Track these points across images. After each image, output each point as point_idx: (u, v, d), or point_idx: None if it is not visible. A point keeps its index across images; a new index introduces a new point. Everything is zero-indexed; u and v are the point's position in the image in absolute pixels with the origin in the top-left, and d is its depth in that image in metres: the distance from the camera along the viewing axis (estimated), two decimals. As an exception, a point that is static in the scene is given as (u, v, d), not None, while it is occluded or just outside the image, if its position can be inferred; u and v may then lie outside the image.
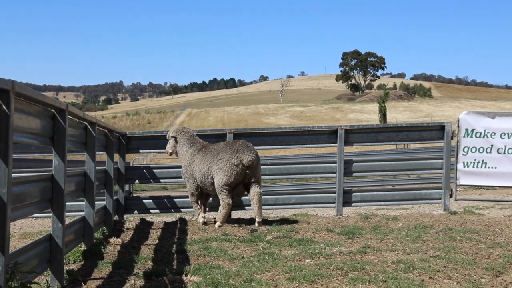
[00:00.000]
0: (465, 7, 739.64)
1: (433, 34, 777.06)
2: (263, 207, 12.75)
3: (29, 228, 11.95)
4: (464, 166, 13.88)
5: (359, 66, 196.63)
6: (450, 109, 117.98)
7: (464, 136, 13.92)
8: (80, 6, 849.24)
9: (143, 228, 11.89)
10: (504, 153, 13.76)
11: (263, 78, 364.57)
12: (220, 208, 11.76)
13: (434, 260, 7.96)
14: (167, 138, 12.92)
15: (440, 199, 13.61)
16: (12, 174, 4.71)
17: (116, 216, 12.35)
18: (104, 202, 10.87)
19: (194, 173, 12.24)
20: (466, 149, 13.88)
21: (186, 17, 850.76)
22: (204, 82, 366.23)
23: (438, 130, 13.89)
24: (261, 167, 12.48)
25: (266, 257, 8.26)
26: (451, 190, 13.81)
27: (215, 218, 12.24)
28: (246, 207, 13.51)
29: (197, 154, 12.27)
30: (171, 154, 12.95)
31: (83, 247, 8.72)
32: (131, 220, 12.97)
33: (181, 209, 13.61)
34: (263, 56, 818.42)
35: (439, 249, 8.82)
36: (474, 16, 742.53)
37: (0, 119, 4.49)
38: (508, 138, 13.76)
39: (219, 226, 11.62)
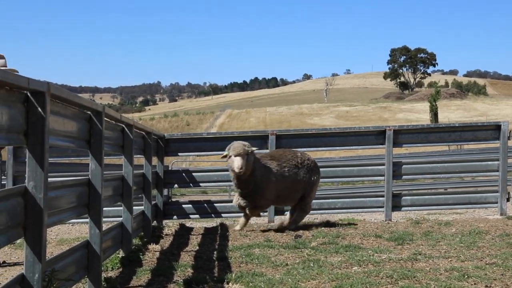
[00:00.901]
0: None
1: (487, 29, 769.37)
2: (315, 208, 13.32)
3: (66, 235, 12.07)
4: (524, 169, 13.76)
5: (409, 63, 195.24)
6: (506, 108, 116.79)
7: (523, 137, 13.79)
8: (115, 6, 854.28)
9: (183, 234, 11.94)
10: None
11: (307, 77, 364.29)
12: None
13: (491, 268, 7.87)
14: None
15: (497, 203, 13.47)
16: (48, 179, 4.76)
17: (155, 221, 12.43)
18: (142, 207, 10.94)
19: None
20: (525, 151, 13.77)
21: (226, 15, 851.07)
22: (245, 81, 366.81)
23: (493, 130, 13.74)
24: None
25: (311, 264, 8.23)
26: (508, 193, 13.67)
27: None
28: (286, 212, 13.53)
29: None
30: None
31: (121, 253, 8.78)
32: (170, 225, 13.04)
33: (222, 214, 13.68)
34: (307, 54, 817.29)
35: (496, 256, 8.73)
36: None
37: (35, 122, 4.53)
38: None
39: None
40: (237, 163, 11.11)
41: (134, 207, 9.31)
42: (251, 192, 11.81)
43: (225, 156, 11.68)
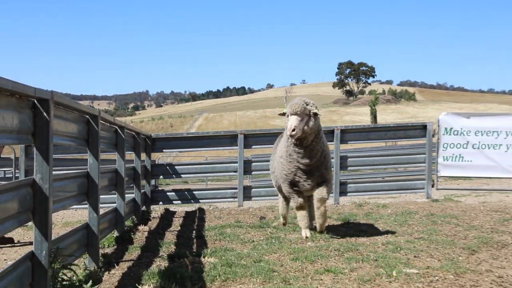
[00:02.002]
0: (444, 21, 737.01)
1: (417, 45, 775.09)
2: (260, 198, 13.56)
3: (70, 218, 12.00)
4: (444, 160, 13.91)
5: (353, 75, 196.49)
6: (431, 111, 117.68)
7: (443, 134, 13.96)
8: (107, 26, 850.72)
9: (167, 217, 11.92)
10: (478, 148, 13.80)
11: (270, 86, 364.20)
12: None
13: (418, 242, 7.97)
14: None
15: (423, 188, 13.60)
16: (53, 172, 4.74)
17: (144, 206, 12.37)
18: (133, 194, 10.91)
19: None
20: (445, 145, 13.91)
21: (203, 34, 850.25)
22: (218, 90, 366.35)
23: (421, 129, 13.89)
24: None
25: (273, 241, 8.28)
26: (433, 181, 13.83)
27: None
28: (253, 198, 13.59)
29: None
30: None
31: (115, 233, 8.75)
32: (157, 210, 13.00)
33: (200, 200, 13.63)
34: (270, 67, 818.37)
35: (423, 232, 8.83)
36: (452, 28, 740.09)
37: (41, 125, 4.52)
38: (482, 135, 13.80)
39: None
40: (290, 123, 7.85)
41: (126, 195, 9.29)
42: (318, 163, 8.44)
43: (283, 114, 8.58)
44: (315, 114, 8.10)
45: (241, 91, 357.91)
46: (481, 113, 14.47)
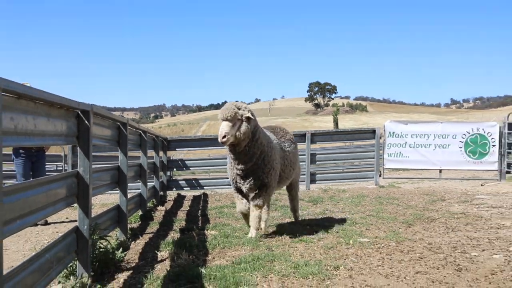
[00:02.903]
0: (387, 50, 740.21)
1: (368, 68, 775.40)
2: None
3: (105, 201, 11.94)
4: (388, 156, 13.98)
5: (320, 92, 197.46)
6: (379, 119, 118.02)
7: (388, 137, 14.02)
8: (136, 55, 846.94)
9: (179, 200, 11.89)
10: (414, 147, 13.90)
11: (257, 100, 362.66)
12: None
13: (369, 218, 8.01)
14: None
15: (373, 178, 13.65)
16: (92, 165, 4.74)
17: (161, 192, 12.32)
18: (153, 183, 10.88)
19: None
20: (389, 145, 13.98)
21: (207, 59, 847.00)
22: (218, 103, 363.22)
23: (371, 133, 13.93)
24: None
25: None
26: (380, 172, 13.88)
27: None
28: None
29: None
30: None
31: (140, 212, 8.72)
32: (171, 194, 12.95)
33: (204, 187, 13.59)
34: (257, 84, 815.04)
35: (372, 210, 8.87)
36: (394, 56, 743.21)
37: (83, 130, 4.52)
38: (416, 137, 13.93)
39: None
40: (221, 129, 6.01)
41: (148, 183, 9.28)
42: (255, 167, 6.36)
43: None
44: (248, 118, 6.06)
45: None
46: (416, 121, 14.56)
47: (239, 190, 6.67)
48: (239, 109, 6.03)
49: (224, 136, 5.87)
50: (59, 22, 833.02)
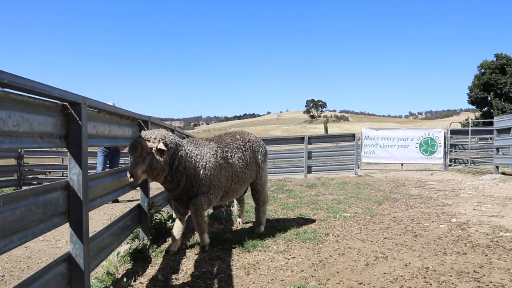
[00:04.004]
0: (364, 70, 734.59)
1: (351, 88, 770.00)
2: (271, 168, 12.91)
3: (159, 185, 11.98)
4: (365, 154, 13.85)
5: (314, 106, 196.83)
6: (358, 127, 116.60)
7: (364, 139, 13.90)
8: (186, 73, 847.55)
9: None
10: (383, 147, 13.77)
11: (268, 112, 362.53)
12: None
13: (351, 199, 7.93)
14: None
15: (353, 169, 13.54)
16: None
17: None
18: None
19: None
20: (365, 145, 13.86)
21: (233, 78, 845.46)
22: (240, 114, 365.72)
23: (352, 137, 13.84)
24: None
25: (271, 199, 8.19)
26: (358, 165, 13.76)
27: None
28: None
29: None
30: None
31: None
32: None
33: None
34: (268, 99, 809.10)
35: (353, 193, 8.79)
36: (368, 75, 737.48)
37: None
38: (385, 140, 13.80)
39: None
40: (129, 167, 3.78)
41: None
42: (185, 190, 4.23)
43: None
44: (160, 151, 3.87)
45: (252, 115, 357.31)
46: (384, 128, 14.40)
47: (176, 210, 4.57)
48: (148, 141, 3.85)
49: (132, 176, 3.69)
50: (128, 52, 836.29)
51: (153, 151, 3.85)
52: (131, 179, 3.70)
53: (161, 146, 3.85)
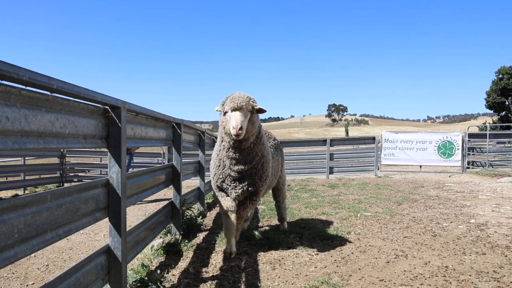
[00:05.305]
0: (383, 77, 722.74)
1: (370, 93, 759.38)
2: (295, 168, 12.73)
3: (190, 184, 12.09)
4: (384, 156, 13.61)
5: (336, 110, 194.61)
6: (377, 130, 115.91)
7: (384, 142, 13.66)
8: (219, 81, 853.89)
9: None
10: (402, 150, 13.51)
11: (292, 116, 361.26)
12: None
13: (371, 199, 7.80)
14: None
15: (373, 171, 13.32)
16: (182, 160, 4.81)
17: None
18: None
19: None
20: (385, 148, 13.62)
21: (260, 81, 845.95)
22: (265, 118, 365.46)
23: (372, 139, 13.59)
24: (288, 157, 12.45)
25: (295, 198, 8.17)
26: (378, 166, 13.53)
27: None
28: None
29: None
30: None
31: (212, 192, 8.75)
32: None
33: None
34: (291, 103, 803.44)
35: (373, 193, 8.65)
36: (388, 82, 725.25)
37: (177, 136, 4.58)
38: (403, 143, 13.53)
39: None
40: (235, 120, 3.39)
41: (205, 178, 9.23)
42: (253, 171, 3.80)
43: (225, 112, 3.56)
44: (260, 110, 3.62)
45: (277, 118, 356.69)
46: (403, 131, 14.14)
47: (223, 191, 4.01)
48: (249, 99, 3.56)
49: (241, 128, 3.38)
50: (157, 55, 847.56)
51: (256, 109, 3.58)
52: (239, 131, 3.37)
53: (261, 106, 3.62)
